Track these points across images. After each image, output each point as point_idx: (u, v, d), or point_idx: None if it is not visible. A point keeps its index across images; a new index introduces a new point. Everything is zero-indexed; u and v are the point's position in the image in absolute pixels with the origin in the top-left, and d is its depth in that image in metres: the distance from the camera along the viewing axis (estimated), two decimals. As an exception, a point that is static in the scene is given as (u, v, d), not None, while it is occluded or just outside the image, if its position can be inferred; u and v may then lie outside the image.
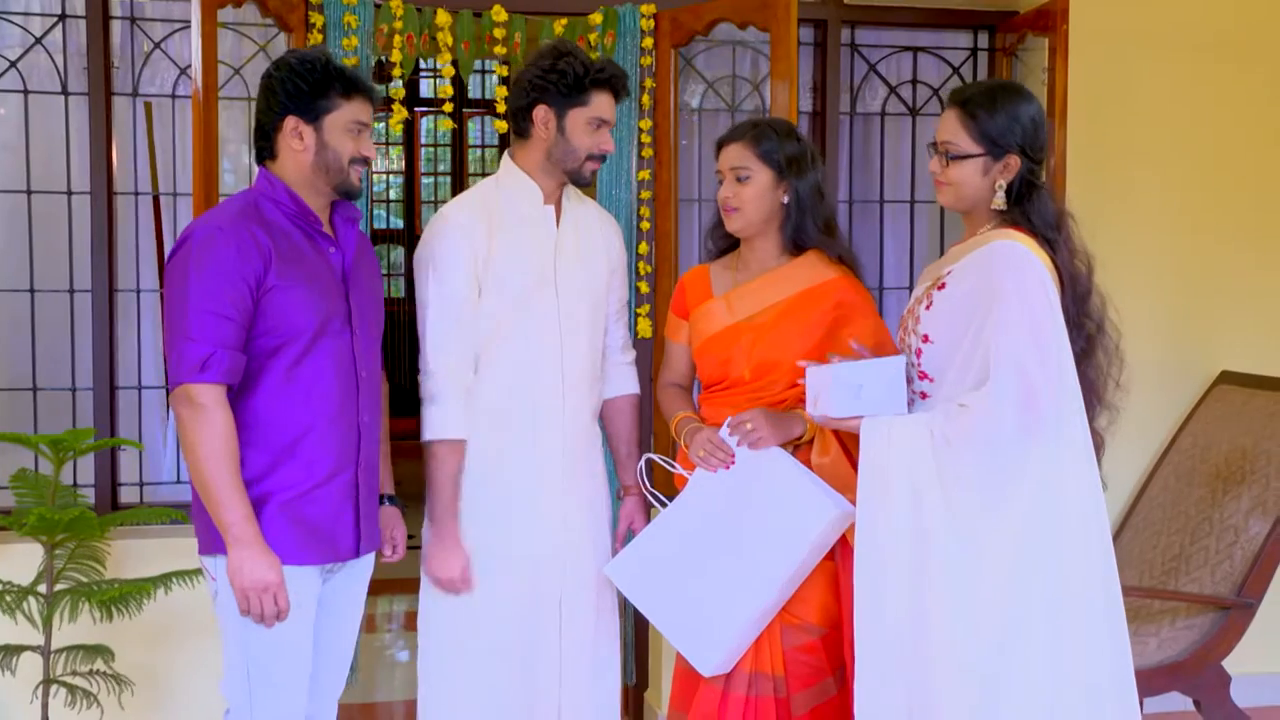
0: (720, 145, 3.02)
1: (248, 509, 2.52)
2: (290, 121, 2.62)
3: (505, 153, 3.04)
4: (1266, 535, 3.87)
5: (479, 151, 10.60)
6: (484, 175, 10.34)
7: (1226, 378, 4.47)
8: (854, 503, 2.77)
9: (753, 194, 2.93)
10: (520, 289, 2.93)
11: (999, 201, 2.63)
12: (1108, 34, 4.33)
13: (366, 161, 2.69)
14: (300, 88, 2.60)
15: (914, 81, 4.59)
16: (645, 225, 4.25)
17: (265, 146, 2.67)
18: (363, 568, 2.81)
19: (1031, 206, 2.62)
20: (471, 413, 2.94)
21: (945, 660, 2.49)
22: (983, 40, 4.58)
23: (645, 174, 4.22)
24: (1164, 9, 4.45)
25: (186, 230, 2.58)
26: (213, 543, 2.60)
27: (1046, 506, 2.49)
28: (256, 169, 2.73)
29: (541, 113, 2.92)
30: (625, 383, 3.21)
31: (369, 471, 2.74)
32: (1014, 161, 2.61)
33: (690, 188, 4.49)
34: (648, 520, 3.18)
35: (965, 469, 2.49)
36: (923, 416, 2.57)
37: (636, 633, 4.35)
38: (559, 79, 2.88)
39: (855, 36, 4.52)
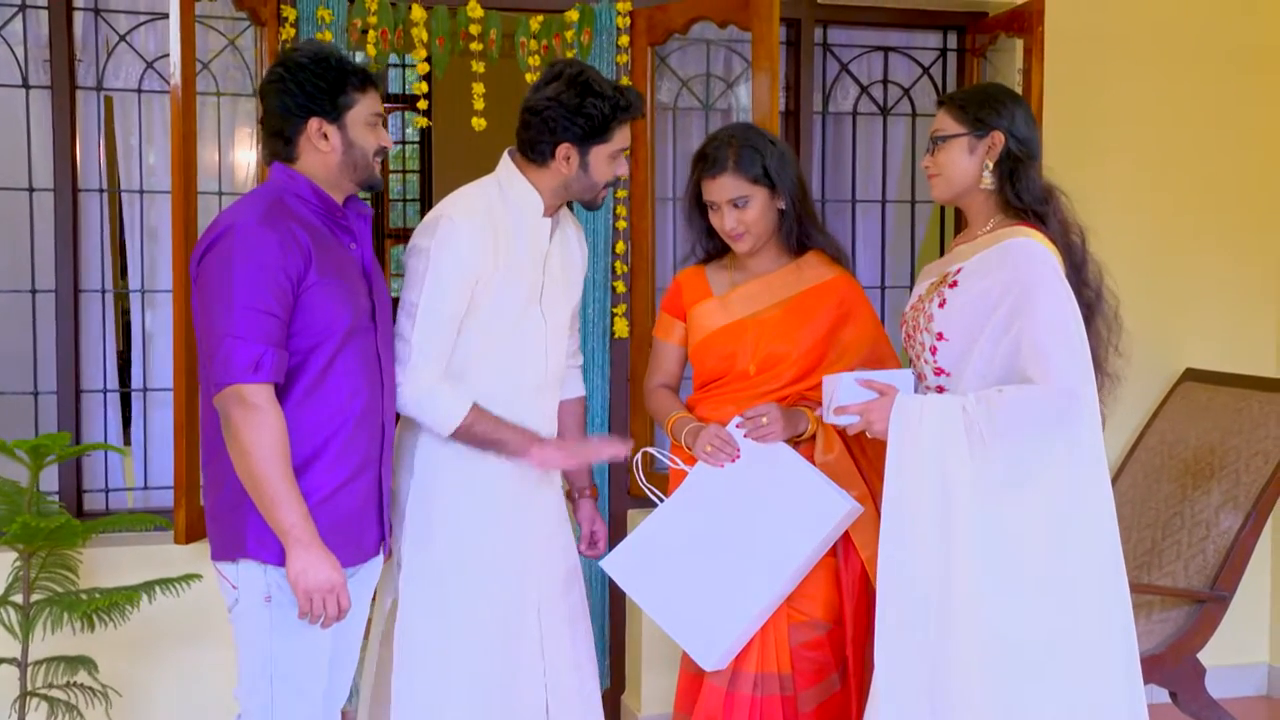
0: (702, 178, 2.99)
1: (305, 509, 2.46)
2: (314, 123, 2.55)
3: (507, 154, 2.92)
4: (1239, 529, 3.94)
5: (399, 148, 10.44)
6: (404, 172, 10.19)
7: (1191, 375, 4.55)
8: (859, 498, 2.91)
9: (755, 215, 2.96)
10: (515, 305, 2.86)
11: (988, 181, 2.71)
12: (1075, 37, 4.38)
13: (385, 152, 2.65)
14: (320, 87, 2.53)
15: (885, 81, 4.60)
16: (621, 224, 4.22)
17: (283, 150, 2.59)
18: (374, 570, 2.76)
19: (1021, 184, 2.69)
20: None
21: (973, 628, 2.54)
22: (952, 41, 4.61)
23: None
24: (1131, 12, 4.51)
25: (219, 226, 2.49)
26: (232, 548, 2.53)
27: (1075, 487, 2.60)
28: (235, 166, 2.65)
29: (565, 150, 2.82)
30: (575, 385, 3.18)
31: (389, 469, 2.70)
32: (998, 138, 2.70)
33: (665, 186, 4.46)
34: (605, 520, 3.20)
35: (998, 450, 2.55)
36: (955, 397, 2.62)
37: (612, 635, 4.33)
38: (587, 123, 2.79)
39: (827, 36, 4.52)
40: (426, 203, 9.08)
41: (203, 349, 2.50)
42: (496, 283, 2.80)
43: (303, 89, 2.53)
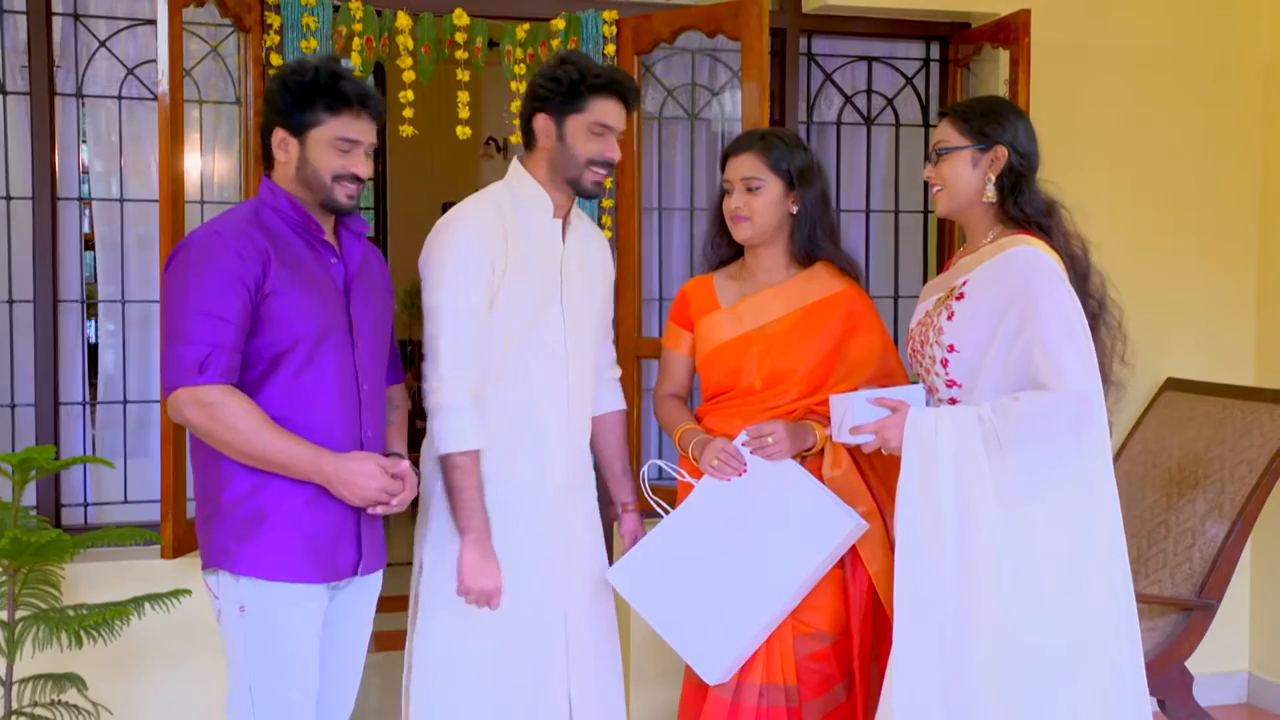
0: (727, 155, 3.04)
1: (310, 447, 2.49)
2: (279, 133, 2.56)
3: (516, 159, 2.95)
4: (1225, 537, 3.95)
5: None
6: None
7: (1172, 385, 4.58)
8: (867, 514, 2.90)
9: (763, 204, 2.94)
10: (531, 306, 2.84)
11: (990, 194, 2.73)
12: (1055, 48, 4.39)
13: (356, 179, 2.59)
14: (287, 100, 2.54)
15: (869, 91, 4.61)
16: (607, 234, 4.19)
17: (267, 156, 2.62)
18: (371, 585, 2.73)
19: (1023, 198, 2.72)
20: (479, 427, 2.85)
21: (993, 636, 2.54)
22: (935, 51, 4.62)
23: (608, 182, 4.15)
24: (1110, 25, 4.54)
25: (186, 237, 2.51)
26: (217, 557, 2.51)
27: (1089, 491, 2.62)
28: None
29: (541, 121, 2.84)
30: (614, 399, 3.15)
31: None
32: (1002, 153, 2.72)
33: (651, 196, 4.44)
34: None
35: (1016, 457, 2.56)
36: (970, 407, 2.62)
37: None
38: (556, 85, 2.82)
39: (811, 45, 4.52)
40: (381, 212, 8.99)
41: (160, 355, 2.53)
42: (510, 281, 2.79)
43: (274, 99, 2.56)
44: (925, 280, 4.72)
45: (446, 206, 10.72)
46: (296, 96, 2.53)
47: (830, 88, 4.57)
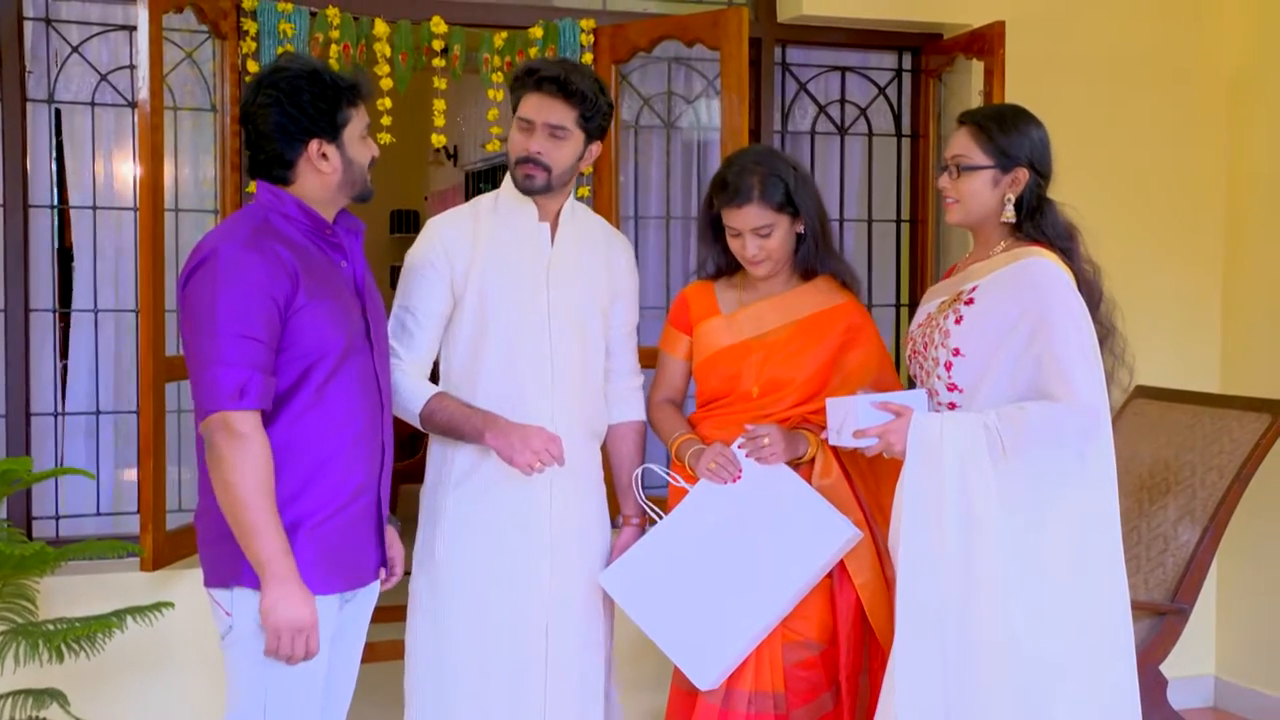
0: (725, 207, 2.94)
1: (285, 542, 2.38)
2: (315, 145, 2.48)
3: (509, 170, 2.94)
4: (1197, 543, 4.00)
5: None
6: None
7: (1141, 392, 4.62)
8: (854, 524, 2.88)
9: (777, 243, 2.95)
10: (508, 305, 2.86)
11: (1008, 214, 2.72)
12: (1022, 59, 4.41)
13: (375, 161, 2.59)
14: (320, 108, 2.46)
15: (842, 101, 4.64)
16: (586, 241, 4.19)
17: (281, 173, 2.50)
18: (373, 594, 2.70)
19: (1044, 220, 2.72)
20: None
21: (995, 643, 2.56)
22: (907, 62, 4.66)
23: (585, 191, 4.16)
24: (1078, 36, 4.58)
25: (203, 249, 2.41)
26: (227, 575, 2.44)
27: (1093, 502, 2.65)
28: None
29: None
30: (630, 408, 3.10)
31: (388, 490, 2.65)
32: (1023, 175, 2.71)
33: (628, 204, 4.44)
34: None
35: (1021, 466, 2.57)
36: (975, 414, 2.62)
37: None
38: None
39: (786, 55, 4.54)
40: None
41: (190, 376, 2.43)
42: (479, 276, 2.85)
43: (303, 111, 2.45)
44: (899, 289, 4.76)
45: (396, 214, 10.60)
46: (330, 102, 2.47)
47: (804, 97, 4.59)
